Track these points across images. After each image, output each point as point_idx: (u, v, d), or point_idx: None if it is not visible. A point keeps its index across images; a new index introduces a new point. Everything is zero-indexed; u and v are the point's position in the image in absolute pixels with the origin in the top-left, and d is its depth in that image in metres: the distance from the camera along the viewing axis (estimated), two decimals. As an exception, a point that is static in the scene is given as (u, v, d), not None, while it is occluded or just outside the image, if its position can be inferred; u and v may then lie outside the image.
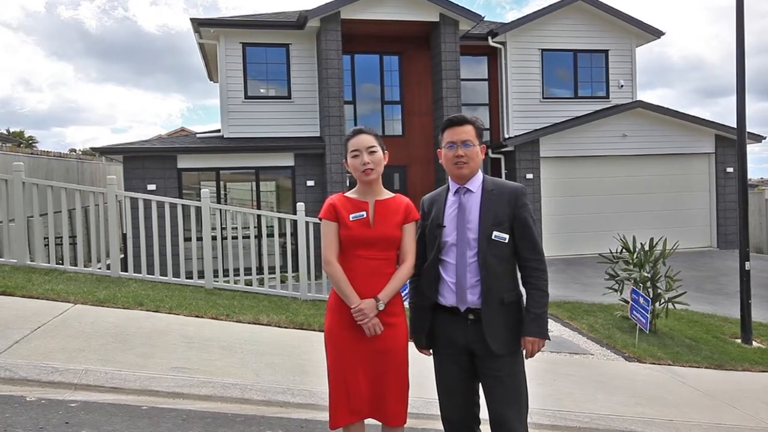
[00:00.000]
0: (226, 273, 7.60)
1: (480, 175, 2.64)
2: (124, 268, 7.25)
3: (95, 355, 4.02)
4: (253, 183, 12.61)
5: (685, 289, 7.23)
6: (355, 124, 13.25)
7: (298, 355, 4.82)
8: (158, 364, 4.04)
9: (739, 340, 7.04)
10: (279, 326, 5.72)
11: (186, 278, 7.38)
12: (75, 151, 29.56)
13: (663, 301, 6.94)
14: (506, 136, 14.23)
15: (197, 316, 5.56)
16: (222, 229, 7.95)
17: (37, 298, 5.27)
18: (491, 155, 14.10)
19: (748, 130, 7.58)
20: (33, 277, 6.06)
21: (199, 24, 12.54)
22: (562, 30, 14.57)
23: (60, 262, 7.32)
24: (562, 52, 14.62)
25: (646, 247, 7.11)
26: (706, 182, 14.77)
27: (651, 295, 6.75)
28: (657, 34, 15.05)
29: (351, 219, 2.55)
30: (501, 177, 13.38)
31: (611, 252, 7.50)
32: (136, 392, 3.62)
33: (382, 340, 2.52)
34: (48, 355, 3.91)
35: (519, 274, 2.60)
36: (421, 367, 2.88)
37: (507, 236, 2.51)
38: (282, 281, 8.33)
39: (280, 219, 8.39)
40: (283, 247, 11.19)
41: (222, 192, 12.48)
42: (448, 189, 2.68)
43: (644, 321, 6.33)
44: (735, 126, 7.48)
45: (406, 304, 2.74)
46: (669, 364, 5.88)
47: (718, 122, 14.46)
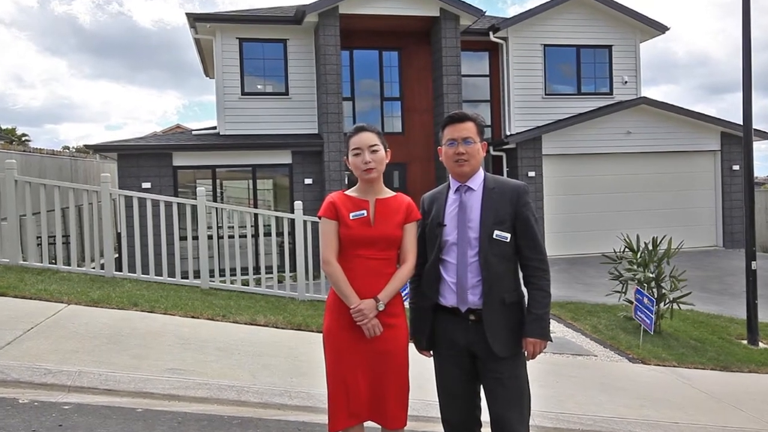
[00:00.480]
0: (222, 273, 7.61)
1: (481, 173, 2.62)
2: (119, 268, 7.23)
3: (89, 357, 3.99)
4: (250, 181, 12.55)
5: (690, 289, 7.19)
6: (354, 121, 13.16)
7: (296, 356, 4.79)
8: (153, 365, 4.02)
9: (745, 341, 6.99)
10: (276, 327, 5.69)
11: (182, 278, 7.35)
12: (68, 148, 29.61)
13: (668, 301, 6.89)
14: (508, 133, 14.13)
15: (193, 317, 5.54)
16: (218, 228, 7.91)
17: (30, 299, 5.26)
18: (492, 153, 14.03)
19: (754, 126, 7.52)
20: (25, 277, 6.05)
21: (195, 19, 12.44)
22: (564, 25, 14.43)
23: (53, 261, 7.28)
24: (564, 48, 14.48)
25: (650, 247, 7.05)
26: (711, 180, 14.64)
27: (655, 296, 6.69)
28: (661, 29, 14.92)
29: (351, 218, 2.52)
30: (503, 175, 13.29)
31: (615, 251, 7.44)
32: (130, 394, 3.60)
33: (382, 341, 2.49)
34: (41, 356, 3.88)
35: (521, 274, 2.58)
36: (422, 368, 2.85)
37: (509, 235, 2.48)
38: (279, 281, 8.31)
39: (277, 218, 8.34)
40: (280, 246, 11.14)
41: (218, 190, 12.41)
42: (448, 187, 2.66)
43: (648, 322, 6.29)
44: (741, 123, 7.45)
45: (407, 304, 2.70)
46: (674, 366, 5.86)
47: (724, 119, 14.34)
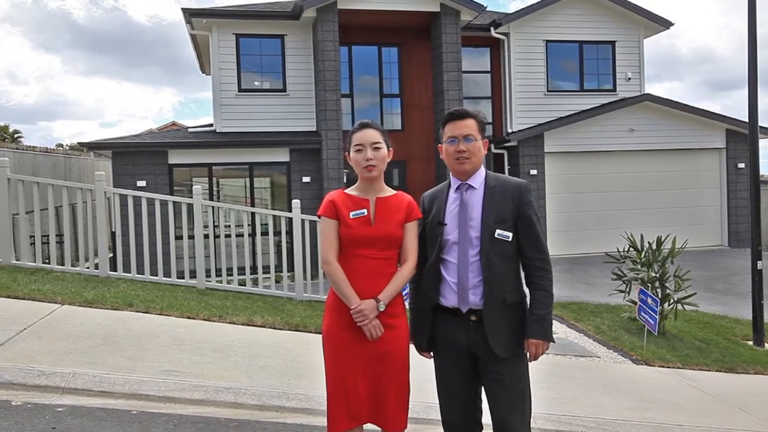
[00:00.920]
0: (218, 273, 7.56)
1: (482, 170, 2.59)
2: (113, 268, 7.16)
3: (83, 358, 3.96)
4: (247, 179, 12.48)
5: (695, 289, 7.13)
6: (353, 118, 13.07)
7: (294, 357, 4.77)
8: (148, 367, 3.99)
9: (750, 342, 6.96)
10: (274, 328, 5.66)
11: (177, 278, 7.29)
12: (62, 146, 29.52)
13: (672, 301, 6.84)
14: (509, 130, 14.04)
15: (189, 318, 5.51)
16: (215, 227, 7.83)
17: (23, 299, 5.23)
18: (494, 150, 13.94)
19: (760, 124, 7.49)
20: (18, 277, 6.01)
21: (191, 14, 12.33)
22: (567, 20, 14.33)
23: (46, 261, 7.22)
24: (567, 44, 14.38)
25: (654, 246, 7.00)
26: (716, 178, 14.54)
27: (659, 296, 6.64)
28: (666, 24, 14.82)
29: (351, 217, 2.49)
30: (504, 173, 13.21)
31: (618, 251, 7.39)
32: (125, 396, 3.57)
33: (383, 342, 2.46)
34: (34, 357, 3.85)
35: (522, 274, 2.56)
36: (422, 370, 2.81)
37: (510, 234, 2.46)
38: (277, 281, 8.28)
39: (275, 216, 8.28)
40: (278, 245, 11.05)
41: (215, 188, 12.35)
42: (449, 185, 2.63)
43: (652, 322, 6.24)
44: (747, 120, 7.41)
45: (407, 304, 2.69)
46: (678, 367, 5.83)
47: (729, 116, 14.23)
